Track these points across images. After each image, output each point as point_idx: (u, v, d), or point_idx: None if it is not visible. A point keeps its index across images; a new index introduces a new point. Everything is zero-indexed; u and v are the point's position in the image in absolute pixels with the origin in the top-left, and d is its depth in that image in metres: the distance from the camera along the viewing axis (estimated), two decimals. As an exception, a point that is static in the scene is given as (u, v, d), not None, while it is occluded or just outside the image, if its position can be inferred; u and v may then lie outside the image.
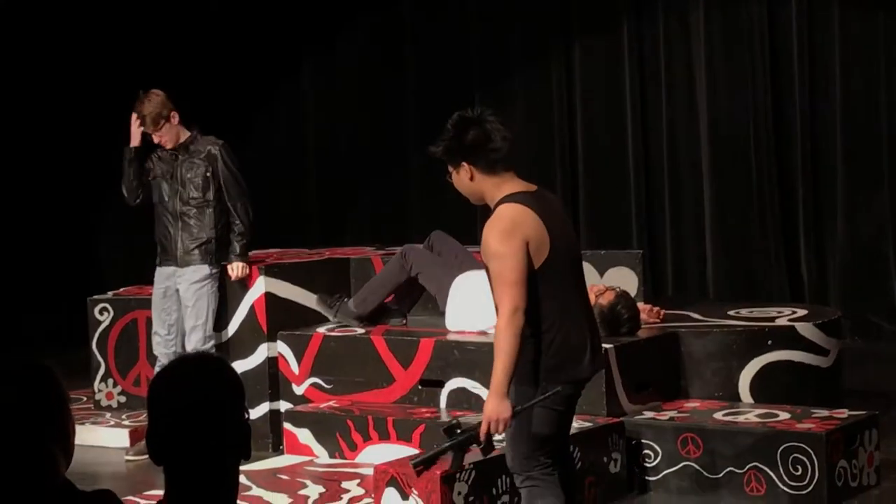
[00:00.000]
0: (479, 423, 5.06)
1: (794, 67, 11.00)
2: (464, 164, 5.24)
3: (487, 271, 5.18)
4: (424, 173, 12.53)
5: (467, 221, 10.17)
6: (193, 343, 7.96)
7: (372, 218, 12.82)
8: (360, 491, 6.95)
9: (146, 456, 7.77)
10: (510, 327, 5.00)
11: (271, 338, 8.21)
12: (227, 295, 8.23)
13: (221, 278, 8.11)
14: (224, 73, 12.71)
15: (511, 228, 5.09)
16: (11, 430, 3.11)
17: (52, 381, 3.19)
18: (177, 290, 8.03)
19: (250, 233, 8.08)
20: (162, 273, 8.09)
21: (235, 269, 8.08)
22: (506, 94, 11.99)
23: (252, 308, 8.22)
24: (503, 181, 5.23)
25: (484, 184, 5.24)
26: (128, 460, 8.10)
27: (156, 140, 8.01)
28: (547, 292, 5.15)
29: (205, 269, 7.98)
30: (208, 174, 7.97)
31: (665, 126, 11.51)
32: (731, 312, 8.19)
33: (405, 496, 6.19)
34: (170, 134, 7.97)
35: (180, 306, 8.04)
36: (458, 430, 5.10)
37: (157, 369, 7.83)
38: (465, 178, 5.27)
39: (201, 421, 2.97)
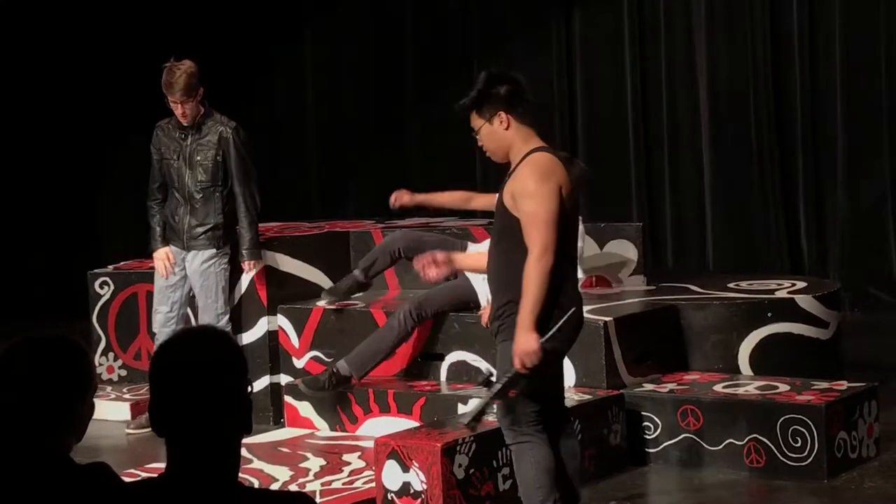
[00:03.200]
0: (512, 366, 5.21)
1: (794, 36, 10.98)
2: (500, 112, 5.36)
3: (503, 223, 5.29)
4: (426, 142, 12.54)
5: (468, 183, 10.11)
6: (206, 322, 7.93)
7: (373, 189, 12.79)
8: (361, 463, 6.97)
9: (147, 429, 7.81)
10: (539, 265, 5.17)
11: (271, 311, 8.22)
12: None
13: (233, 257, 8.04)
14: (223, 40, 12.66)
15: (548, 171, 5.25)
16: (27, 402, 3.15)
17: (86, 365, 3.25)
18: (183, 269, 8.00)
19: (258, 222, 8.02)
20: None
21: (250, 266, 8.03)
22: (505, 63, 11.94)
23: (252, 282, 8.22)
24: (532, 135, 5.40)
25: (518, 134, 5.37)
26: (129, 433, 8.10)
27: (178, 111, 7.76)
28: (563, 243, 5.25)
29: (211, 251, 7.95)
30: (219, 158, 7.83)
31: (665, 96, 11.51)
32: (731, 285, 8.20)
33: (406, 469, 6.20)
34: (193, 109, 7.78)
35: (184, 285, 8.02)
36: (493, 379, 5.28)
37: (155, 346, 7.81)
38: (499, 129, 5.38)
39: (203, 394, 2.97)
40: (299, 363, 8.15)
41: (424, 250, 7.55)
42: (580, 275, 7.31)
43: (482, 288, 7.65)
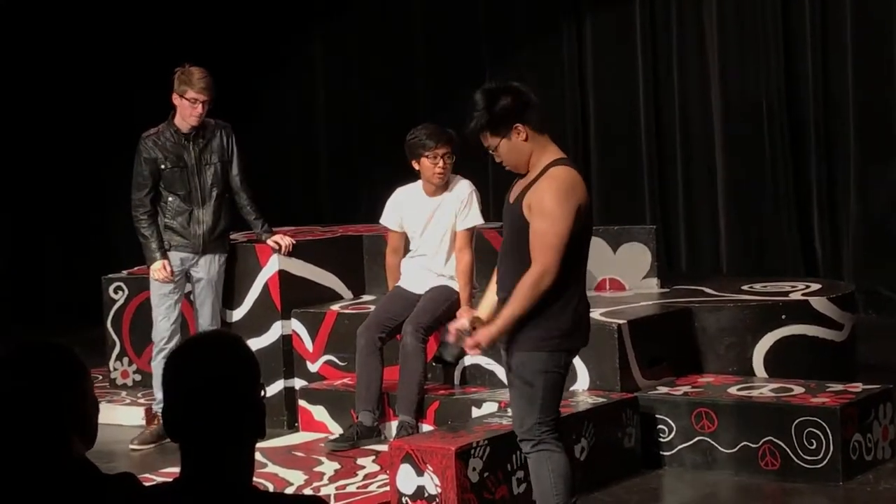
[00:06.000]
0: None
1: (806, 39, 10.97)
2: (517, 125, 5.25)
3: (519, 233, 5.22)
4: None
5: (480, 192, 10.10)
6: (213, 325, 7.96)
7: (385, 194, 12.79)
8: (376, 467, 6.97)
9: (151, 445, 7.79)
10: (534, 288, 5.13)
11: (285, 316, 8.23)
12: (241, 273, 8.25)
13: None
14: (233, 44, 12.67)
15: (569, 190, 5.17)
16: (23, 411, 3.11)
17: (67, 361, 3.18)
18: (186, 276, 7.93)
19: None
20: (174, 260, 7.85)
21: (281, 240, 8.14)
22: (516, 68, 11.96)
23: (266, 286, 8.23)
24: (548, 142, 5.32)
25: (535, 143, 5.28)
26: (132, 449, 7.82)
27: (197, 111, 7.68)
28: (581, 257, 5.28)
29: (225, 255, 8.01)
30: (224, 159, 7.88)
31: (677, 100, 11.50)
32: (745, 287, 8.19)
33: (420, 472, 6.20)
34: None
35: (180, 290, 7.89)
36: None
37: (162, 356, 7.77)
38: (517, 142, 5.27)
39: (216, 399, 2.97)
40: (313, 367, 8.15)
41: (397, 319, 7.44)
42: None
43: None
